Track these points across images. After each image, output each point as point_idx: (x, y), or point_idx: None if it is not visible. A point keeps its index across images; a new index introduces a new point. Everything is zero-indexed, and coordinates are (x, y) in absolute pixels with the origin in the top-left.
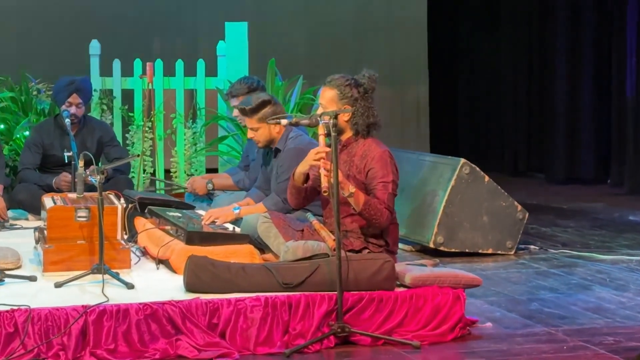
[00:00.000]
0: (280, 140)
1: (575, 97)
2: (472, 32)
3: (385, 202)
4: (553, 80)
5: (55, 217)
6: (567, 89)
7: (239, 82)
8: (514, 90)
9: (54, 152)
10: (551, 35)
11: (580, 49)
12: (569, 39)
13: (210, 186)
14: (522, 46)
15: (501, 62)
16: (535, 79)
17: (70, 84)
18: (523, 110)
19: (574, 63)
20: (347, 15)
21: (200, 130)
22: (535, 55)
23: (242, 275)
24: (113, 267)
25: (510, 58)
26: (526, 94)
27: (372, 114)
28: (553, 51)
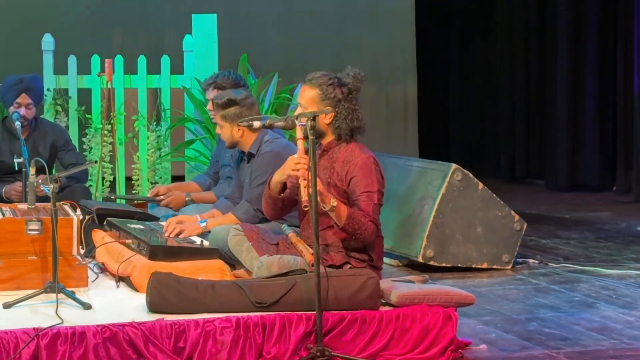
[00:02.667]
0: (253, 143)
1: (578, 96)
2: (465, 24)
3: (370, 214)
4: (553, 78)
5: (4, 230)
6: (569, 87)
7: (225, 75)
8: (510, 88)
9: (2, 158)
10: (551, 30)
11: (582, 44)
12: (571, 34)
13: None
14: (519, 40)
15: (496, 57)
16: (534, 76)
17: (18, 83)
18: (521, 110)
19: (576, 59)
20: (326, 6)
21: (165, 133)
22: (534, 50)
23: (211, 294)
24: (68, 285)
25: (506, 53)
26: (524, 92)
27: (357, 117)
28: (553, 46)
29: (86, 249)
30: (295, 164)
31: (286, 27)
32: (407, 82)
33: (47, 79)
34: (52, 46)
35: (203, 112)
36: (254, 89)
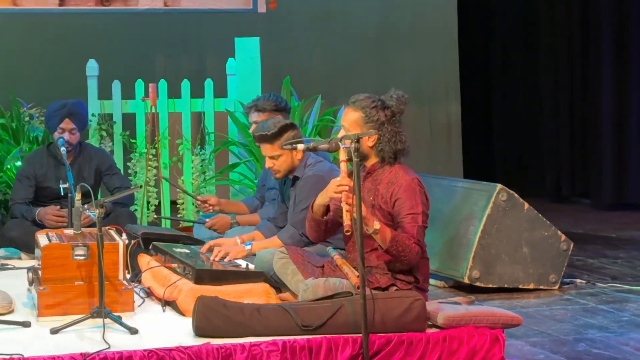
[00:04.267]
0: (298, 167)
1: (622, 113)
2: (507, 44)
3: (414, 236)
4: (598, 96)
5: (51, 255)
6: (613, 104)
7: (267, 97)
8: (554, 107)
9: (48, 184)
10: (594, 47)
11: (626, 60)
12: (614, 50)
13: (235, 224)
14: (562, 58)
15: (540, 76)
16: (578, 94)
17: (61, 108)
18: (565, 129)
19: (620, 76)
20: (369, 28)
21: (209, 157)
22: (577, 67)
23: (257, 317)
24: (115, 310)
25: (549, 71)
26: (568, 110)
27: (400, 140)
28: (597, 64)
29: (132, 274)
30: (337, 187)
31: (329, 49)
32: (450, 103)
33: (91, 104)
34: (97, 72)
35: (247, 135)
36: (297, 111)
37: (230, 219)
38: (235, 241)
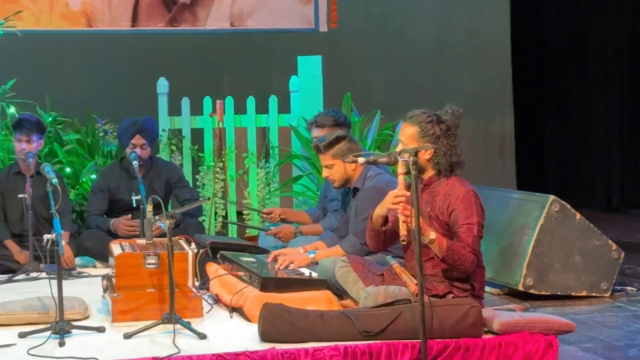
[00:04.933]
0: (358, 179)
1: None
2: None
3: (469, 245)
4: None
5: (124, 264)
6: None
7: (326, 113)
8: (604, 121)
9: (121, 196)
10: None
11: None
12: None
13: (299, 234)
14: (613, 74)
15: (590, 91)
16: (627, 108)
17: (132, 125)
18: (615, 141)
19: None
20: (426, 46)
21: (274, 169)
22: (627, 82)
23: (320, 324)
24: (184, 316)
25: (599, 86)
26: (618, 123)
27: (456, 153)
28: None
29: (201, 281)
30: (394, 198)
31: (387, 67)
32: (504, 118)
33: (162, 120)
34: (167, 89)
35: (309, 149)
36: (357, 126)
37: (294, 228)
38: (299, 250)
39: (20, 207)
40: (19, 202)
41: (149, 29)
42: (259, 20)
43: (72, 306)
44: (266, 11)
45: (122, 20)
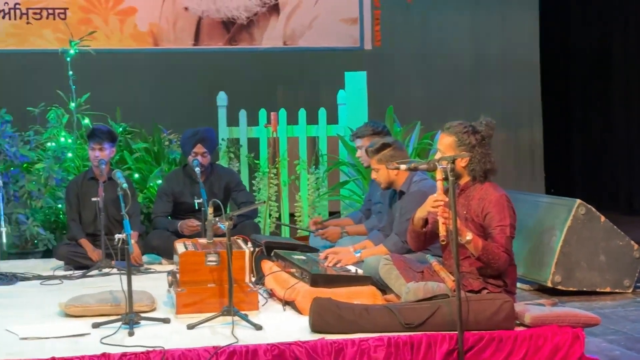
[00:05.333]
0: (404, 183)
1: None
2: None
3: (503, 245)
4: None
5: (187, 261)
6: None
7: (365, 125)
8: (626, 131)
9: (184, 199)
10: None
11: None
12: None
13: (345, 234)
14: (636, 83)
15: (614, 101)
16: None
17: (194, 135)
18: (636, 149)
19: None
20: (462, 62)
21: (323, 175)
22: None
23: (366, 316)
24: (242, 309)
25: (622, 95)
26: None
27: (489, 160)
28: None
29: (257, 277)
30: (434, 202)
31: (427, 81)
32: (534, 127)
33: (221, 130)
34: (226, 102)
35: (355, 157)
36: (399, 135)
37: (340, 229)
38: (349, 249)
39: (93, 210)
40: (93, 204)
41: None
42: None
43: (141, 299)
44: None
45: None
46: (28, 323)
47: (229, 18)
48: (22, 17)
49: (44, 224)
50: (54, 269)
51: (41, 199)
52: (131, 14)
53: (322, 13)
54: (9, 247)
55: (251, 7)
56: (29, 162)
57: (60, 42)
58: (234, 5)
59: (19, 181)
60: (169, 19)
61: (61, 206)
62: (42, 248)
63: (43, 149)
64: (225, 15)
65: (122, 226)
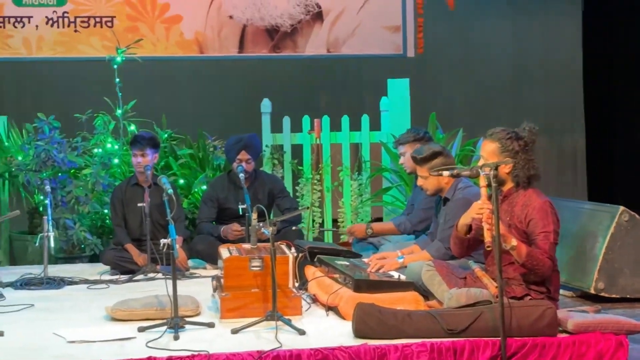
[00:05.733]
0: (449, 189)
1: None
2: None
3: (547, 251)
4: None
5: (231, 266)
6: None
7: (407, 131)
8: None
9: (228, 205)
10: None
11: None
12: None
13: (370, 231)
14: None
15: None
16: None
17: (238, 142)
18: None
19: None
20: (503, 69)
21: (366, 181)
22: None
23: (408, 322)
24: (285, 313)
25: None
26: None
27: (533, 166)
28: None
29: (300, 282)
30: (479, 209)
31: (469, 88)
32: (576, 134)
33: (265, 136)
34: (269, 109)
35: (398, 163)
36: (441, 142)
37: (365, 225)
38: (397, 254)
39: (139, 215)
40: (138, 210)
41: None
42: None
43: (185, 304)
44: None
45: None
46: (75, 327)
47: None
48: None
49: (91, 229)
50: (100, 274)
51: (88, 204)
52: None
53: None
54: (57, 251)
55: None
56: (76, 168)
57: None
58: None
59: (66, 187)
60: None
61: (107, 211)
62: (89, 253)
63: (90, 155)
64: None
65: (167, 231)
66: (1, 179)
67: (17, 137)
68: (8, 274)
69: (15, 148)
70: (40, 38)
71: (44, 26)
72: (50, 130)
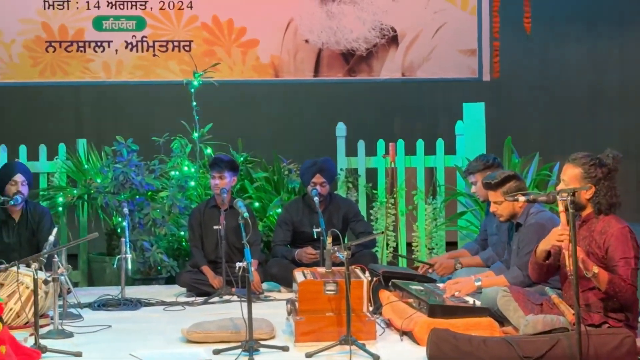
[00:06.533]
0: (521, 215)
1: None
2: None
3: (628, 278)
4: None
5: (306, 290)
6: None
7: (476, 160)
8: None
9: (303, 228)
10: None
11: None
12: None
13: (459, 266)
14: None
15: None
16: None
17: (313, 165)
18: None
19: None
20: (580, 93)
21: (440, 206)
22: None
23: (483, 348)
24: (359, 338)
25: None
26: None
27: (615, 194)
28: None
29: (374, 307)
30: (559, 235)
31: (545, 112)
32: None
33: (340, 160)
34: (344, 132)
35: None
36: (517, 167)
37: (454, 261)
38: (471, 278)
39: (215, 237)
40: (215, 232)
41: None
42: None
43: (260, 327)
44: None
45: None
46: (152, 348)
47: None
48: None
49: (167, 251)
50: (176, 295)
51: (165, 227)
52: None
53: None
54: (134, 273)
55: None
56: (153, 191)
57: (184, 74)
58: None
59: (143, 209)
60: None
61: (184, 234)
62: (166, 274)
63: (167, 178)
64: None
65: (242, 254)
66: (80, 200)
67: (96, 159)
68: (86, 295)
69: (94, 170)
70: (120, 62)
71: (123, 50)
72: (128, 153)
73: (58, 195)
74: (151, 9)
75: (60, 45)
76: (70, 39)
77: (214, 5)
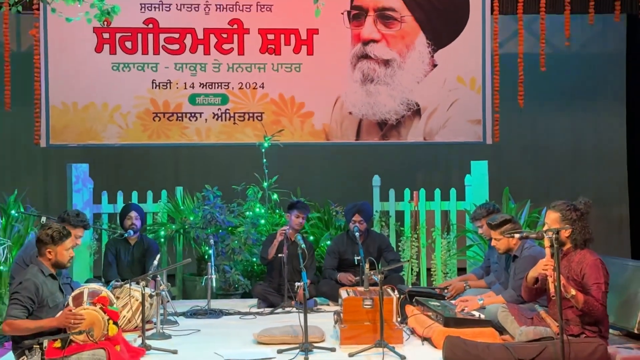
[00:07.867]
0: (518, 248)
1: None
2: None
3: (599, 299)
4: None
5: (349, 304)
6: None
7: (480, 208)
8: None
9: (347, 256)
10: None
11: None
12: None
13: (468, 287)
14: None
15: None
16: None
17: (353, 207)
18: None
19: None
20: (562, 153)
21: (453, 240)
22: None
23: (487, 352)
24: (390, 342)
25: None
26: None
27: (588, 232)
28: None
29: (401, 318)
30: (545, 265)
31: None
32: (621, 205)
33: (375, 204)
34: (379, 183)
35: None
36: (513, 211)
37: (464, 283)
38: (476, 298)
39: (279, 263)
40: (279, 259)
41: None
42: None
43: (313, 332)
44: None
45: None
46: (230, 348)
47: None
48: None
49: (243, 273)
50: (250, 307)
51: (241, 254)
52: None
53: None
54: (217, 289)
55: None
56: (233, 227)
57: (257, 137)
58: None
59: (225, 240)
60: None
61: (255, 259)
62: (241, 291)
63: (243, 217)
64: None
65: (300, 276)
66: (177, 234)
67: (189, 202)
68: (181, 306)
69: (188, 211)
70: (208, 128)
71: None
72: (214, 198)
73: (160, 229)
74: (232, 88)
75: (164, 115)
76: (171, 111)
77: (280, 85)
